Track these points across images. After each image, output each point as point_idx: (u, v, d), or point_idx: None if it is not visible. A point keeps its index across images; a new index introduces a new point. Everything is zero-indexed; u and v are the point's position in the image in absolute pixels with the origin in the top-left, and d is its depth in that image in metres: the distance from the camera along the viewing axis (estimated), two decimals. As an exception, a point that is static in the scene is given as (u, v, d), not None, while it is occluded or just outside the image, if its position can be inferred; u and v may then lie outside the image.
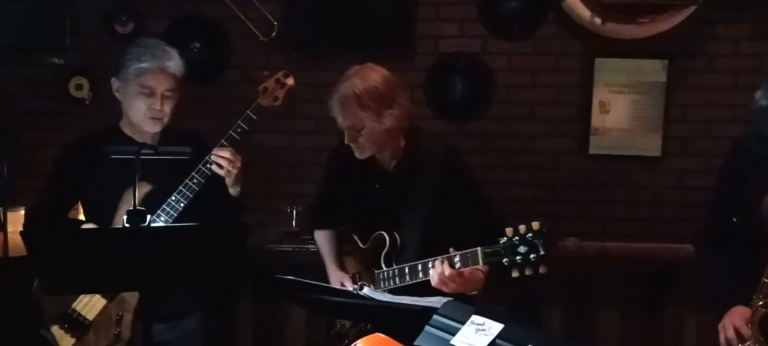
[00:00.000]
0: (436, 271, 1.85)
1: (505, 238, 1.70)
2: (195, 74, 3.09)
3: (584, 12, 3.02)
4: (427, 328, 1.34)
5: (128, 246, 1.62)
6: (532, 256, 1.65)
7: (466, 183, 2.05)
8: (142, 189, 2.15)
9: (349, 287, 2.14)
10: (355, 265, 2.24)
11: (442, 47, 3.13)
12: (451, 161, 2.12)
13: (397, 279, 2.03)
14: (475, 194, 2.10)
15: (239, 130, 2.22)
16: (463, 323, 1.28)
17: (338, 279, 2.22)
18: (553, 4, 3.10)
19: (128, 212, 1.64)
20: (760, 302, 1.55)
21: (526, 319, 3.05)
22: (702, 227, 1.88)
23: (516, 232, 1.69)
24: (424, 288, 1.88)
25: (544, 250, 1.64)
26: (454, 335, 1.28)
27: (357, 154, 2.08)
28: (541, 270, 1.66)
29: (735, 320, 1.60)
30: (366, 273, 2.17)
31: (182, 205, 2.14)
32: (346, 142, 2.07)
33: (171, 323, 2.24)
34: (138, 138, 2.22)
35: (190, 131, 2.35)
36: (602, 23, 3.01)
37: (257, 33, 3.14)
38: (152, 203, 2.12)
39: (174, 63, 2.18)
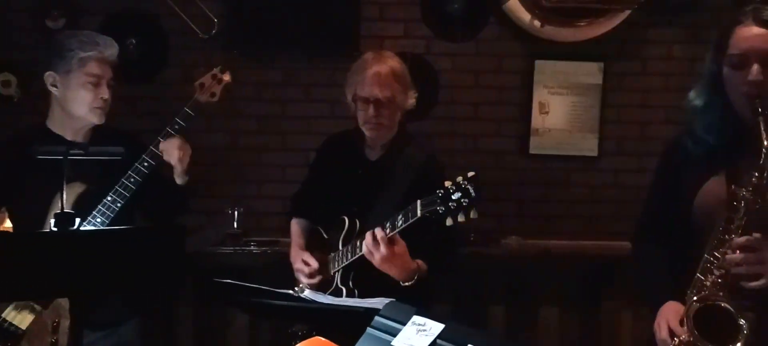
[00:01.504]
0: (367, 237, 1.94)
1: (442, 189, 1.81)
2: (131, 72, 3.03)
3: (524, 15, 3.08)
4: (369, 329, 1.33)
5: (55, 250, 1.55)
6: (464, 201, 1.77)
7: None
8: (75, 190, 2.08)
9: (312, 263, 2.21)
10: (318, 256, 2.27)
11: (386, 47, 3.12)
12: (431, 167, 2.22)
13: (349, 255, 2.10)
14: None
15: (176, 127, 2.19)
16: (404, 323, 1.28)
17: (300, 257, 2.27)
18: (495, 7, 3.15)
19: (55, 215, 1.57)
20: (694, 298, 1.59)
21: (469, 317, 3.12)
22: (638, 223, 1.94)
23: (452, 182, 1.81)
24: (382, 288, 1.89)
25: (474, 193, 1.76)
26: (395, 335, 1.28)
27: (373, 133, 2.20)
28: (472, 215, 1.78)
29: (668, 316, 1.65)
30: (324, 261, 2.22)
31: (119, 205, 2.09)
32: (369, 117, 2.16)
33: (106, 330, 2.17)
34: (68, 136, 2.14)
35: (124, 131, 2.29)
36: (541, 26, 3.08)
37: (197, 30, 3.07)
38: (87, 204, 2.06)
39: (114, 51, 2.16)
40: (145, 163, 2.13)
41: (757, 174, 1.54)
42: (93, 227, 2.04)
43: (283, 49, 3.16)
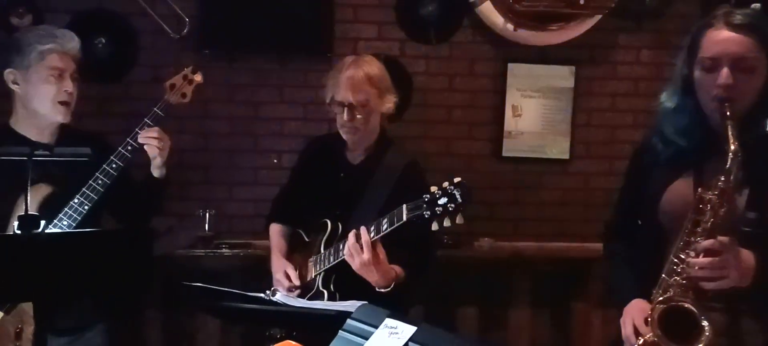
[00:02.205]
0: (353, 235, 1.94)
1: (428, 195, 1.82)
2: (99, 72, 2.98)
3: (497, 18, 3.11)
4: (341, 332, 1.32)
5: (19, 254, 1.51)
6: (450, 206, 1.78)
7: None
8: (40, 192, 2.04)
9: (293, 276, 2.19)
10: (299, 259, 2.26)
11: (360, 49, 3.13)
12: (413, 171, 2.23)
13: (331, 258, 2.10)
14: None
15: (146, 128, 2.16)
16: (376, 326, 1.27)
17: (281, 268, 2.25)
18: (468, 10, 3.17)
19: (19, 218, 1.53)
20: (659, 298, 1.61)
21: (441, 319, 3.13)
22: (609, 223, 1.96)
23: (438, 187, 1.82)
24: (363, 291, 1.88)
25: (461, 199, 1.78)
26: (367, 339, 1.27)
27: (349, 137, 2.20)
28: (458, 220, 1.79)
29: (634, 315, 1.68)
30: (305, 265, 2.22)
31: (86, 208, 2.05)
32: (344, 121, 2.16)
33: (71, 336, 2.12)
34: (33, 136, 2.09)
35: (91, 132, 2.26)
36: (514, 29, 3.10)
37: (168, 30, 3.02)
38: (53, 206, 2.01)
39: (75, 44, 2.12)
40: (114, 165, 2.10)
41: (723, 178, 1.56)
42: (59, 230, 1.99)
43: (256, 50, 3.13)
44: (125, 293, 2.32)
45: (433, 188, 1.83)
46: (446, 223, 1.80)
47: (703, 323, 1.54)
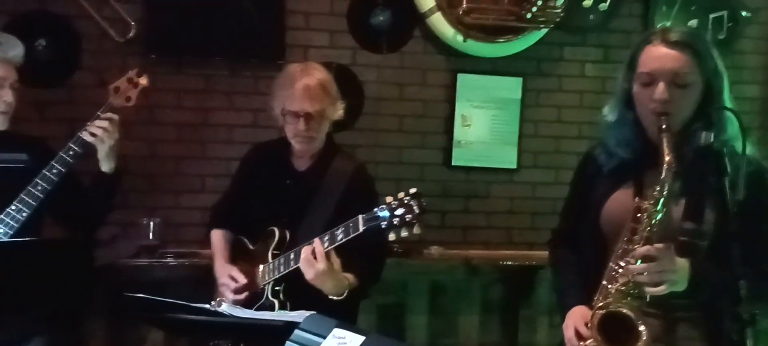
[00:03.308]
0: (308, 246, 1.92)
1: (385, 205, 1.81)
2: (41, 75, 2.87)
3: (448, 30, 3.15)
4: (288, 343, 1.31)
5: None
6: (407, 217, 1.78)
7: (369, 202, 2.06)
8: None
9: (240, 279, 2.15)
10: (244, 267, 2.22)
11: (311, 57, 3.12)
12: (361, 177, 2.22)
13: (281, 267, 2.07)
14: None
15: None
16: (324, 337, 1.27)
17: (226, 272, 2.21)
18: (419, 21, 3.20)
19: (-50, 227, 1.46)
20: (600, 304, 1.66)
21: (391, 327, 3.14)
22: (555, 231, 2.01)
23: (395, 198, 1.81)
24: (314, 300, 1.87)
25: (418, 210, 1.78)
26: (316, 349, 1.27)
27: (302, 146, 2.18)
28: (415, 231, 1.80)
29: (576, 320, 1.72)
30: (252, 273, 2.17)
31: (25, 215, 1.97)
32: (300, 131, 2.13)
33: (9, 349, 2.03)
34: (-33, 144, 2.00)
35: (31, 136, 2.17)
36: (464, 41, 3.16)
37: (112, 33, 2.94)
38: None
39: (18, 52, 2.07)
40: (55, 170, 2.03)
41: (658, 188, 1.63)
42: (-6, 239, 1.91)
43: (205, 55, 3.09)
44: (66, 304, 2.25)
45: (389, 199, 1.82)
46: (403, 233, 1.79)
47: (640, 329, 1.60)
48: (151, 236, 2.94)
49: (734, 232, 1.53)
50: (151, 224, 2.94)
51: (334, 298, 2.00)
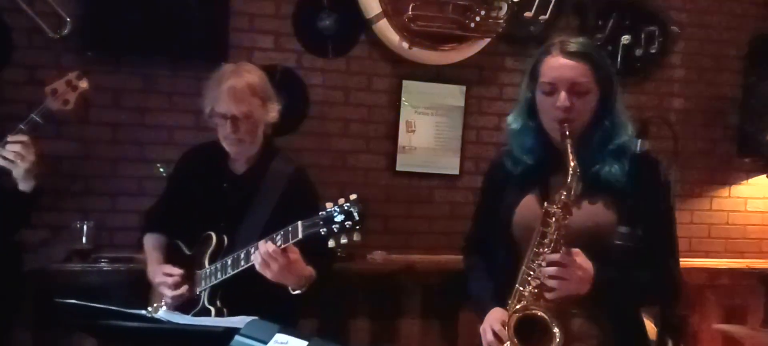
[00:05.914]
0: (260, 250, 1.89)
1: (325, 211, 1.79)
2: (-35, 70, 2.72)
3: (393, 36, 3.18)
4: (229, 350, 1.29)
5: None
6: (347, 223, 1.77)
7: (309, 205, 2.05)
8: None
9: (175, 272, 2.10)
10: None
11: (256, 59, 3.08)
12: (300, 180, 2.20)
13: (219, 273, 2.03)
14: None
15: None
16: (266, 342, 1.25)
17: (161, 271, 2.14)
18: (365, 26, 3.22)
19: None
20: (516, 306, 1.70)
21: (334, 332, 3.14)
22: (466, 237, 2.06)
23: (334, 204, 1.80)
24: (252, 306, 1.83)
25: (358, 216, 1.77)
26: (258, 356, 1.25)
27: (233, 149, 2.13)
28: (355, 238, 1.79)
29: (492, 322, 1.76)
30: (189, 278, 2.12)
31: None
32: (227, 133, 2.09)
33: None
34: None
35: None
36: (409, 48, 3.19)
37: (46, 28, 2.82)
38: None
39: None
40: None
41: (564, 193, 1.69)
42: None
43: (144, 53, 3.00)
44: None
45: (329, 205, 1.81)
46: (343, 240, 1.79)
47: (554, 330, 1.65)
48: (83, 240, 2.83)
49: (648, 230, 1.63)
50: (84, 227, 2.83)
51: (297, 292, 1.99)
